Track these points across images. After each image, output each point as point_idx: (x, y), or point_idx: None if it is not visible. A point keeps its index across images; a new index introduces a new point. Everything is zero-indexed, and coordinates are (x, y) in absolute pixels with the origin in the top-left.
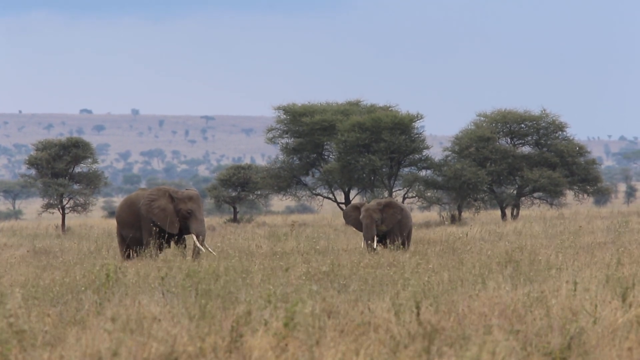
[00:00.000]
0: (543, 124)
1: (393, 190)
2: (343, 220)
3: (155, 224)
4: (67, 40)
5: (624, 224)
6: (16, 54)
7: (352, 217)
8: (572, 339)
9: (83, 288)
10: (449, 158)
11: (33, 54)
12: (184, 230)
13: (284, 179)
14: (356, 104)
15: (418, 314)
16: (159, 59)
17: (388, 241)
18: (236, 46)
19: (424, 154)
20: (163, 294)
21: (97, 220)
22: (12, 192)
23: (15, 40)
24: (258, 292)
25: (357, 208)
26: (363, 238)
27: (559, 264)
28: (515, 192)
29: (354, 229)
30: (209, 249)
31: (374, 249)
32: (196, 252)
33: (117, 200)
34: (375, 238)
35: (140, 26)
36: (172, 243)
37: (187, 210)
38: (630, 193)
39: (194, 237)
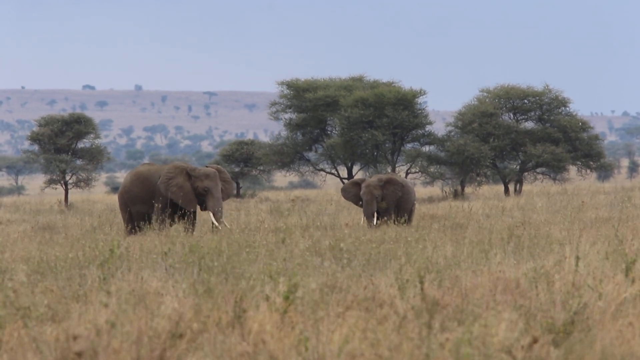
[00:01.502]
0: (546, 100)
1: (396, 165)
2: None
3: (172, 202)
4: (70, 16)
5: (627, 199)
6: (19, 30)
7: (352, 193)
8: (576, 314)
9: (86, 263)
10: (452, 133)
11: (36, 30)
12: (202, 207)
13: (287, 155)
14: (359, 79)
15: (422, 289)
16: (162, 34)
17: (392, 216)
18: (239, 22)
19: (426, 129)
20: (166, 269)
21: (100, 195)
22: (15, 168)
23: (19, 16)
24: (260, 267)
25: (357, 184)
26: (363, 214)
27: (562, 239)
28: (518, 167)
29: (354, 205)
30: (226, 225)
31: (374, 226)
32: (215, 229)
33: (120, 176)
34: (376, 214)
35: (143, 1)
36: (177, 219)
37: (204, 188)
38: (633, 168)
39: (211, 215)
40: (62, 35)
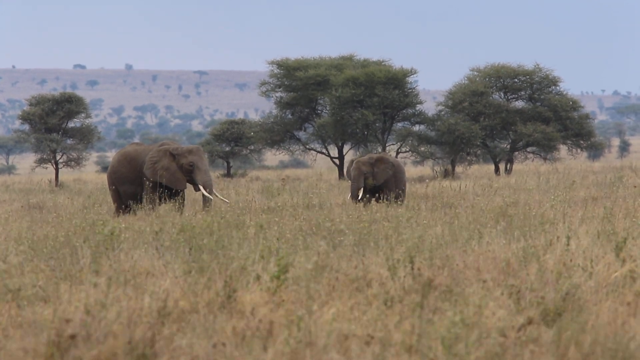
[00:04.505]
0: (536, 79)
1: (386, 145)
2: (338, 176)
3: (162, 184)
4: None
5: (618, 179)
6: (9, 9)
7: None
8: (567, 294)
9: (78, 243)
10: (443, 113)
11: (26, 9)
12: (193, 184)
13: (278, 134)
14: (349, 58)
15: (412, 269)
16: (153, 13)
17: (380, 196)
18: (230, 1)
19: (417, 108)
20: (157, 248)
21: (91, 175)
22: (6, 148)
23: None
24: (251, 247)
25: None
26: (350, 190)
27: (553, 219)
28: (508, 146)
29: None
30: (220, 197)
31: (358, 202)
32: (207, 203)
33: (111, 155)
34: (362, 191)
35: None
36: (167, 198)
37: (189, 164)
38: (623, 147)
39: (201, 188)
40: (53, 15)
